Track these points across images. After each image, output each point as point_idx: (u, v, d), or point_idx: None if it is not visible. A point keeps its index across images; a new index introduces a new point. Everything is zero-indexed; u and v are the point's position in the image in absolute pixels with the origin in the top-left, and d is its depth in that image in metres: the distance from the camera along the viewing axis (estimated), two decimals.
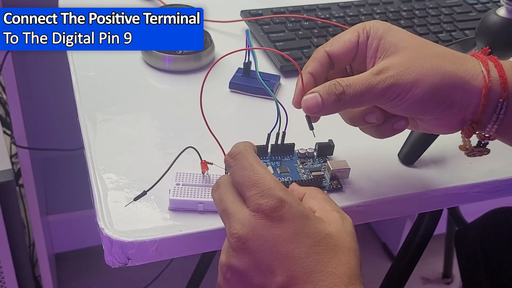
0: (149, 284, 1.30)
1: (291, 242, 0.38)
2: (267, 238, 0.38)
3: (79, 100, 0.59)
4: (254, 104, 0.61)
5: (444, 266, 1.44)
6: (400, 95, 0.43)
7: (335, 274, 0.37)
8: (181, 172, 0.48)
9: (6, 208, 0.93)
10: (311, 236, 0.38)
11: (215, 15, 0.74)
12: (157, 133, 0.56)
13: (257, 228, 0.38)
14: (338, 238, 0.39)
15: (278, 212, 0.38)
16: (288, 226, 0.38)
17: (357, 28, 0.46)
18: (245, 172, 0.40)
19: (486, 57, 0.45)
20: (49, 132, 1.25)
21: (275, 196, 0.38)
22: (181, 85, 0.63)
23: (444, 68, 0.43)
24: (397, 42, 0.44)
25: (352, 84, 0.43)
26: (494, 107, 0.44)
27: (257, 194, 0.39)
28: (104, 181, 0.49)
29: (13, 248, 0.97)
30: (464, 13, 0.78)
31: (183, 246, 0.45)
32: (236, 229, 0.38)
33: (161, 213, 0.46)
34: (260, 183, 0.39)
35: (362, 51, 0.46)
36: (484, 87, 0.43)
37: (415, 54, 0.43)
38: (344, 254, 0.39)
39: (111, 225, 0.45)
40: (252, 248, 0.38)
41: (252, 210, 0.38)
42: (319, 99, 0.44)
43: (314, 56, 0.47)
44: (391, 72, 0.43)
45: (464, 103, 0.44)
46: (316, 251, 0.38)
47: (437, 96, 0.43)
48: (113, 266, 0.45)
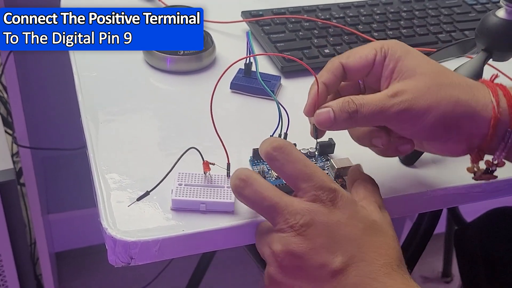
0: (149, 283, 1.30)
1: (347, 226, 0.41)
2: (327, 224, 0.41)
3: (82, 100, 0.59)
4: (255, 105, 0.61)
5: (443, 265, 1.45)
6: (412, 120, 0.44)
7: (388, 256, 0.41)
8: (184, 172, 0.49)
9: (8, 207, 0.93)
10: (362, 221, 0.42)
11: (215, 15, 0.74)
12: (159, 133, 0.56)
13: (317, 215, 0.41)
14: (382, 225, 0.43)
15: (334, 201, 0.42)
16: (343, 212, 0.42)
17: (375, 46, 0.46)
18: (296, 165, 0.42)
19: (495, 84, 0.46)
20: (50, 132, 1.26)
21: (330, 187, 0.42)
22: (183, 85, 0.64)
23: (457, 97, 0.44)
24: (414, 67, 0.45)
25: (366, 104, 0.44)
26: (502, 136, 0.45)
27: (312, 186, 0.42)
28: (107, 181, 0.49)
29: (14, 247, 0.97)
30: (464, 13, 0.79)
31: (186, 246, 0.46)
32: (296, 219, 0.41)
33: (164, 213, 0.47)
34: (315, 176, 0.42)
35: (378, 70, 0.46)
36: (493, 117, 0.44)
37: (431, 81, 0.44)
38: (391, 240, 0.42)
39: (114, 225, 0.45)
40: (313, 234, 0.41)
41: (310, 200, 0.42)
42: (332, 114, 0.45)
43: (328, 66, 0.47)
44: (406, 96, 0.43)
45: (472, 132, 0.45)
46: (368, 233, 0.42)
47: (447, 124, 0.44)
48: (116, 266, 0.45)
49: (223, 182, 0.48)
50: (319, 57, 0.67)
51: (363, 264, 0.40)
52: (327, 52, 0.68)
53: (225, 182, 0.48)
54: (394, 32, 0.73)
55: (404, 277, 0.41)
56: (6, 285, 1.01)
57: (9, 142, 1.05)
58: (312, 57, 0.67)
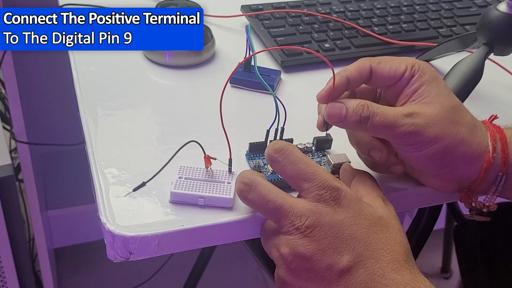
0: (149, 278, 1.30)
1: (352, 225, 0.41)
2: (332, 224, 0.41)
3: (80, 95, 0.59)
4: (255, 99, 0.61)
5: (443, 261, 1.45)
6: (417, 144, 0.44)
7: (395, 251, 0.41)
8: (185, 165, 0.48)
9: (6, 203, 0.93)
10: (368, 218, 0.42)
11: (215, 10, 0.74)
12: (158, 128, 0.56)
13: (322, 216, 0.41)
14: (388, 221, 0.43)
15: (338, 199, 0.41)
16: (348, 211, 0.41)
17: (407, 62, 0.47)
18: (298, 166, 0.42)
19: (494, 127, 0.47)
20: (48, 127, 1.25)
21: (332, 186, 0.41)
22: (182, 80, 0.63)
23: (463, 136, 0.45)
24: (435, 95, 0.45)
25: (380, 114, 0.44)
26: (493, 180, 0.46)
27: (315, 186, 0.41)
28: (105, 176, 0.49)
29: (13, 243, 0.97)
30: (465, 8, 0.78)
31: (185, 241, 0.45)
32: (301, 221, 0.41)
33: (163, 207, 0.46)
34: (317, 175, 0.42)
35: (401, 85, 0.47)
36: (486, 161, 0.45)
37: (446, 113, 0.45)
38: (398, 234, 0.42)
39: (113, 220, 0.45)
40: (319, 235, 0.41)
41: (314, 201, 0.41)
42: (344, 112, 0.45)
43: (358, 64, 0.47)
44: (419, 120, 0.44)
45: (465, 175, 0.46)
46: (375, 231, 0.41)
47: (446, 158, 0.45)
48: (115, 261, 0.45)
49: (224, 177, 0.48)
50: (319, 52, 0.67)
51: (371, 261, 0.40)
52: (327, 47, 0.67)
53: (226, 178, 0.48)
54: (395, 26, 0.72)
55: (411, 272, 0.40)
56: (5, 281, 1.01)
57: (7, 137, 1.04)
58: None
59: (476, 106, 0.61)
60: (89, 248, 1.41)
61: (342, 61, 0.67)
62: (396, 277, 0.40)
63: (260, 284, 1.43)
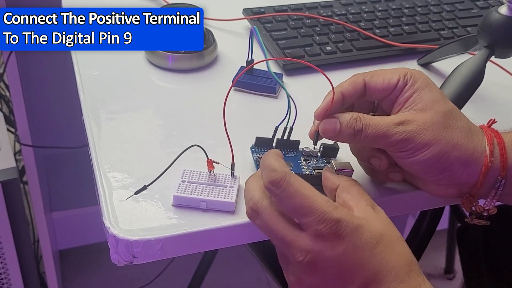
0: (152, 280, 1.30)
1: (354, 253, 0.40)
2: (333, 258, 0.40)
3: (84, 99, 0.59)
4: (257, 103, 0.61)
5: (446, 262, 1.45)
6: (410, 151, 0.45)
7: (397, 267, 0.41)
8: (189, 169, 0.49)
9: (11, 205, 0.93)
10: (369, 242, 0.41)
11: (217, 13, 0.74)
12: (161, 131, 0.56)
13: (321, 252, 0.40)
14: (387, 233, 0.42)
15: (337, 232, 0.40)
16: (349, 241, 0.40)
17: (400, 72, 0.47)
18: (295, 200, 0.41)
19: (492, 131, 0.48)
20: (52, 130, 1.26)
21: (331, 219, 0.40)
22: (184, 83, 0.64)
23: (457, 140, 0.45)
24: (427, 101, 0.46)
25: (372, 126, 0.45)
26: (493, 184, 0.47)
27: (313, 220, 0.40)
28: (109, 180, 0.49)
29: (17, 245, 0.98)
30: (466, 10, 0.78)
31: (188, 245, 0.46)
32: (302, 256, 0.41)
33: (166, 211, 0.47)
34: (314, 208, 0.40)
35: (395, 95, 0.47)
36: (484, 165, 0.46)
37: (438, 119, 0.45)
38: (398, 245, 0.42)
39: (117, 224, 0.45)
40: (321, 269, 0.41)
41: (312, 236, 0.40)
42: (338, 126, 0.46)
43: (352, 80, 0.48)
44: (410, 127, 0.45)
45: (463, 179, 0.46)
46: (377, 252, 0.41)
47: (441, 163, 0.45)
48: (118, 265, 0.45)
49: (227, 181, 0.48)
50: (321, 55, 0.67)
51: (374, 285, 0.40)
52: (328, 50, 0.68)
53: (229, 182, 0.48)
54: (396, 29, 0.73)
55: (412, 286, 0.41)
56: (10, 283, 1.01)
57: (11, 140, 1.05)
58: (313, 55, 0.67)
59: (478, 108, 0.61)
60: (93, 250, 1.42)
61: (344, 64, 0.68)
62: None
63: (263, 285, 1.43)
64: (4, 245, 0.97)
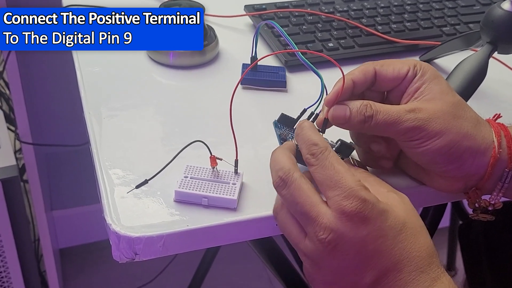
0: (154, 278, 1.30)
1: (377, 238, 0.39)
2: (355, 240, 0.39)
3: (84, 96, 0.59)
4: (267, 98, 0.61)
5: (447, 259, 1.44)
6: (421, 139, 0.44)
7: (418, 257, 0.40)
8: (192, 165, 0.49)
9: (11, 203, 0.93)
10: (393, 228, 0.40)
11: (218, 10, 0.74)
12: (163, 128, 0.56)
13: (344, 233, 0.39)
14: (411, 221, 0.41)
15: (362, 213, 0.39)
16: (373, 224, 0.39)
17: (409, 63, 0.47)
18: (326, 171, 0.41)
19: (498, 124, 0.48)
20: (53, 128, 1.26)
21: (358, 197, 0.39)
22: (186, 80, 0.63)
23: (467, 130, 0.45)
24: (436, 92, 0.46)
25: (383, 112, 0.44)
26: (500, 176, 0.46)
27: (339, 195, 0.39)
28: (110, 176, 0.49)
29: (18, 244, 0.98)
30: (468, 6, 0.78)
31: (190, 241, 0.45)
32: (325, 234, 0.39)
33: (168, 208, 0.47)
34: (342, 183, 0.40)
35: (404, 85, 0.47)
36: (492, 156, 0.46)
37: (448, 109, 0.45)
38: (421, 235, 0.41)
39: (118, 221, 0.45)
40: (342, 251, 0.39)
41: (336, 212, 0.39)
42: (348, 113, 0.45)
43: (363, 68, 0.48)
44: (422, 114, 0.44)
45: (472, 170, 0.46)
46: (400, 240, 0.40)
47: (452, 152, 0.45)
48: (120, 262, 0.45)
49: (229, 178, 0.48)
50: (323, 51, 0.67)
51: (393, 274, 0.40)
52: (330, 46, 0.67)
53: (231, 179, 0.48)
54: (398, 25, 0.72)
55: (432, 278, 0.40)
56: (11, 281, 1.01)
57: (11, 138, 1.05)
58: (316, 51, 0.67)
59: (480, 104, 0.60)
60: (94, 248, 1.42)
61: (346, 60, 0.67)
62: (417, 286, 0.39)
63: (265, 283, 1.43)
64: (4, 243, 0.96)
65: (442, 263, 0.42)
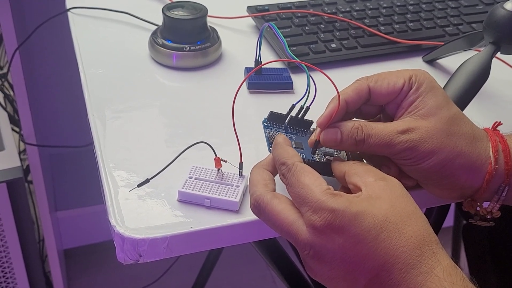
0: (157, 279, 1.30)
1: (356, 244, 0.38)
2: (335, 250, 0.39)
3: (88, 98, 0.59)
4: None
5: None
6: (414, 159, 0.44)
7: (406, 253, 0.38)
8: (198, 166, 0.49)
9: (16, 204, 0.93)
10: (371, 229, 0.38)
11: (221, 11, 0.74)
12: (166, 130, 0.56)
13: (322, 245, 0.39)
14: (395, 212, 0.39)
15: (333, 224, 0.39)
16: (348, 231, 0.38)
17: (404, 75, 0.47)
18: (294, 189, 0.41)
19: (497, 135, 0.47)
20: (57, 129, 1.26)
21: (325, 209, 0.39)
22: (189, 81, 0.64)
23: (461, 148, 0.45)
24: (431, 107, 0.45)
25: (374, 135, 0.44)
26: (496, 189, 0.46)
27: (309, 211, 0.39)
28: (114, 178, 0.49)
29: (23, 244, 0.98)
30: (471, 6, 0.78)
31: (194, 243, 0.45)
32: (306, 250, 0.40)
33: (172, 210, 0.47)
34: (308, 198, 0.40)
35: (400, 98, 0.47)
36: (488, 173, 0.45)
37: (442, 126, 0.45)
38: (407, 225, 0.39)
39: (123, 223, 0.45)
40: (327, 262, 0.39)
41: (309, 228, 0.39)
42: (339, 136, 0.45)
43: (355, 86, 0.47)
44: (414, 135, 0.44)
45: (467, 183, 0.46)
46: (382, 239, 0.38)
47: (444, 170, 0.45)
48: (124, 263, 0.45)
49: (233, 180, 0.48)
50: (326, 52, 0.67)
51: (383, 274, 0.39)
52: (333, 47, 0.67)
53: (235, 181, 0.48)
54: (401, 25, 0.72)
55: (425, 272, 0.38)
56: (16, 282, 1.02)
57: (16, 140, 1.05)
58: (318, 52, 0.67)
59: (483, 105, 0.61)
60: (98, 249, 1.42)
61: (349, 61, 0.67)
62: (409, 284, 0.38)
63: (268, 283, 1.43)
64: (9, 244, 0.97)
65: (438, 244, 0.39)
